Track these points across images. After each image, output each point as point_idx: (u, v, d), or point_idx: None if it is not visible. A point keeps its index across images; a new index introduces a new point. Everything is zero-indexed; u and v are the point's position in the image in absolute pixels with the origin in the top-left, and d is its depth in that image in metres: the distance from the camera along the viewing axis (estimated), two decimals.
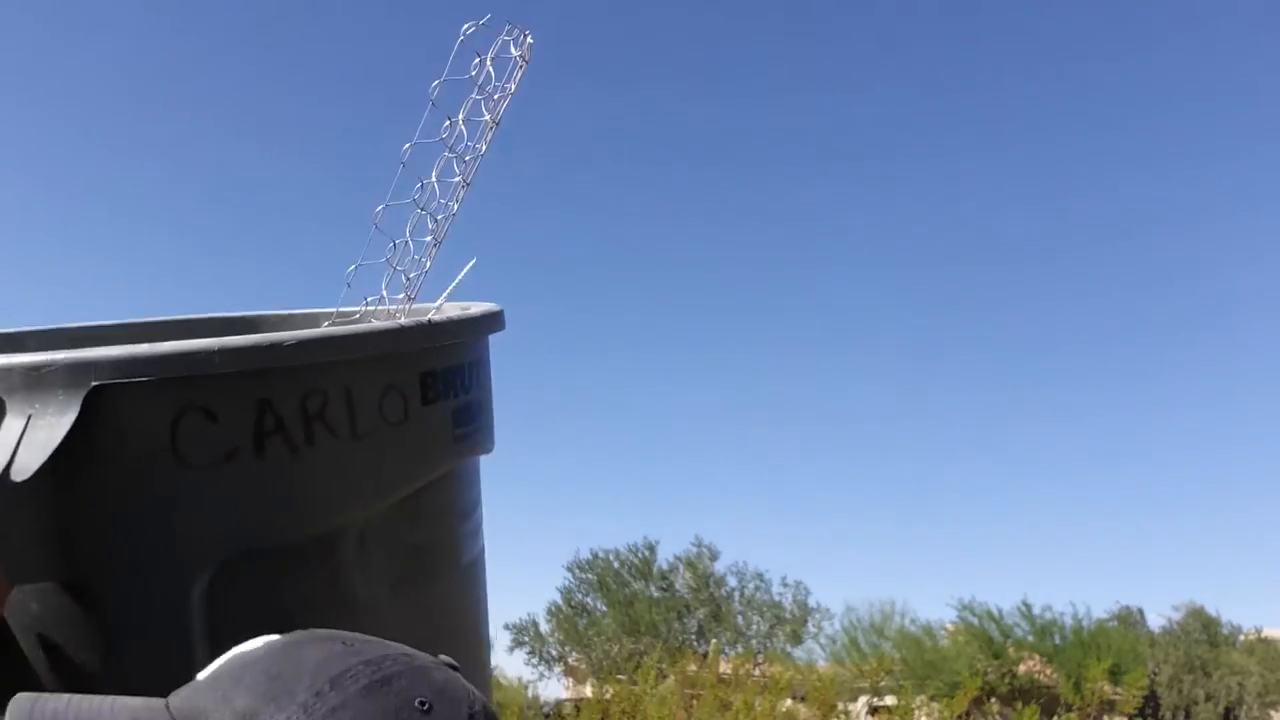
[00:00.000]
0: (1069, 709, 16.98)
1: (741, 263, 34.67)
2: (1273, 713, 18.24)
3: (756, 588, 21.71)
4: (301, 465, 1.25)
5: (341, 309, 1.62)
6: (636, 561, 22.14)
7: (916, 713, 16.91)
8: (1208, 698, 18.53)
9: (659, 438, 34.24)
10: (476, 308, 1.58)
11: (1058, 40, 33.30)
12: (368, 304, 1.58)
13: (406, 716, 0.61)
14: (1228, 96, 32.70)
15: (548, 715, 20.59)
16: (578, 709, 18.08)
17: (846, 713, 17.32)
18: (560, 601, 22.53)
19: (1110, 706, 17.98)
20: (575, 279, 35.15)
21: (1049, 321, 34.10)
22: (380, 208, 1.50)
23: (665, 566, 22.05)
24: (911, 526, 33.38)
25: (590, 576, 22.49)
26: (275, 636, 0.68)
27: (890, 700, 17.73)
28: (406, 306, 1.55)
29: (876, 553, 32.66)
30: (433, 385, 1.38)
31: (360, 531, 1.33)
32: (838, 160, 33.52)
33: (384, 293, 1.55)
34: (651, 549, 22.15)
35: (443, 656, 0.74)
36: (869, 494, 34.96)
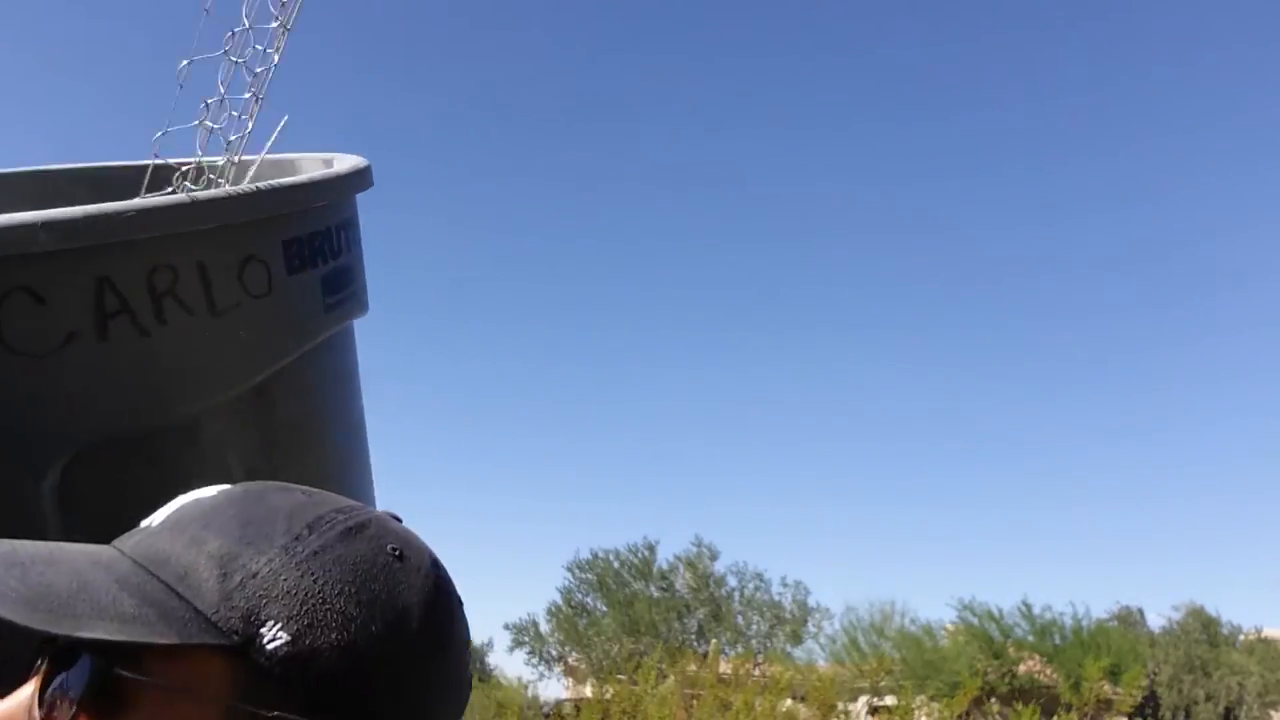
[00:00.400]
0: (1068, 709, 16.88)
1: (742, 260, 34.60)
2: (1273, 713, 18.08)
3: (756, 588, 21.68)
4: (154, 347, 1.17)
5: (165, 160, 1.44)
6: (636, 561, 22.08)
7: (916, 713, 16.83)
8: (1208, 698, 18.38)
9: (659, 438, 34.18)
10: (340, 164, 1.45)
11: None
12: (189, 173, 1.41)
13: (383, 562, 0.60)
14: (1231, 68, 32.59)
15: (548, 715, 20.53)
16: (578, 709, 18.05)
17: (846, 713, 17.24)
18: (560, 601, 22.54)
19: (1108, 706, 17.86)
20: (575, 277, 35.12)
21: (1050, 325, 33.97)
22: (185, 63, 1.31)
23: (665, 566, 22.03)
24: (911, 526, 33.33)
25: (590, 576, 22.44)
26: (228, 485, 0.66)
27: (890, 700, 17.65)
28: (230, 168, 1.42)
29: (876, 553, 32.59)
30: (298, 253, 1.29)
31: (229, 410, 1.27)
32: (840, 132, 33.28)
33: (200, 157, 1.40)
34: (651, 549, 22.12)
35: (386, 509, 0.75)
36: (869, 494, 34.91)
